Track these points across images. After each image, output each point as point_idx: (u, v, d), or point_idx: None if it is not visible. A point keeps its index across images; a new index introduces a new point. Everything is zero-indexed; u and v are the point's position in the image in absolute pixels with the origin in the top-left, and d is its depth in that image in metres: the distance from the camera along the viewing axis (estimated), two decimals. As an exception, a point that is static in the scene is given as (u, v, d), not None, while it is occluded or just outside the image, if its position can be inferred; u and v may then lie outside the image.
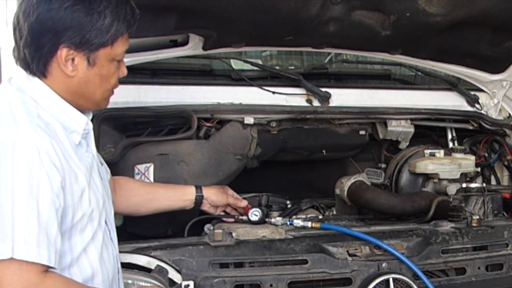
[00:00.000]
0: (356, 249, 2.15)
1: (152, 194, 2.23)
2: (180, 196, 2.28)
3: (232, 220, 2.39)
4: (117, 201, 2.04)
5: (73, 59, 1.58)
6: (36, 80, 1.61)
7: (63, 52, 1.56)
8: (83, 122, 1.66)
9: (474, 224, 2.35)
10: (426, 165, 2.66)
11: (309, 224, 2.27)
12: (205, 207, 2.33)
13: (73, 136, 1.63)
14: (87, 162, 1.65)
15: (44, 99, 1.60)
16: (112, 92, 1.75)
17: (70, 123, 1.63)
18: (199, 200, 2.29)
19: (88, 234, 1.61)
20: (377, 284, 2.03)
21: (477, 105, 3.03)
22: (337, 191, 2.70)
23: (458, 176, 2.68)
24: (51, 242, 1.44)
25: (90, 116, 1.74)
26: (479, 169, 2.99)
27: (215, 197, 2.32)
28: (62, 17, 1.54)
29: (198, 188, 2.30)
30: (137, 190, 2.22)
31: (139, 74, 2.67)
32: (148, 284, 1.86)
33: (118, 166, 2.41)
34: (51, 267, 1.45)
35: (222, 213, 2.41)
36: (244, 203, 2.40)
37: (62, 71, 1.59)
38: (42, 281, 1.41)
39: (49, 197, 1.45)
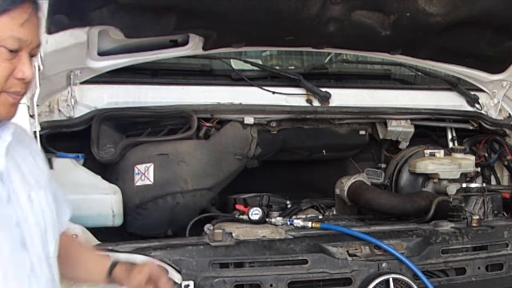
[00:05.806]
0: (356, 249, 2.15)
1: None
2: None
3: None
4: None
5: None
6: None
7: None
8: None
9: (474, 224, 2.35)
10: (426, 165, 2.66)
11: (309, 224, 2.27)
12: None
13: None
14: None
15: None
16: (14, 98, 1.29)
17: None
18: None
19: None
20: (377, 284, 2.03)
21: (477, 105, 3.03)
22: (337, 191, 2.70)
23: (458, 176, 2.68)
24: None
25: (9, 131, 1.33)
26: (479, 169, 2.99)
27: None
28: None
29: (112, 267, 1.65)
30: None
31: (139, 74, 2.67)
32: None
33: (118, 166, 2.41)
34: None
35: None
36: None
37: None
38: None
39: None
